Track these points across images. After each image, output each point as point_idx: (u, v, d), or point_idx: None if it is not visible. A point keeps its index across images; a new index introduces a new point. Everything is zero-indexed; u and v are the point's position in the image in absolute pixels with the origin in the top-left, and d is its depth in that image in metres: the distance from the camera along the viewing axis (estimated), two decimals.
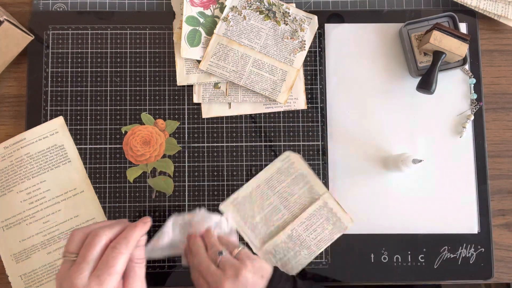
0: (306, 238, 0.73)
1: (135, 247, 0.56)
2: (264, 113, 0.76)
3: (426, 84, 0.70)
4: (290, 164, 0.74)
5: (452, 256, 0.73)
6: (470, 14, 0.78)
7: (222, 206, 0.74)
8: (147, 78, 0.76)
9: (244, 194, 0.74)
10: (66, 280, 0.51)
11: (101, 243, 0.54)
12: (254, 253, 0.68)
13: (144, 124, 0.75)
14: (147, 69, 0.76)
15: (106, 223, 0.58)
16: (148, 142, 0.73)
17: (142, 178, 0.74)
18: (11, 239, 0.72)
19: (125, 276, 0.55)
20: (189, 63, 0.76)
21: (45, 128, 0.74)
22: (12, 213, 0.73)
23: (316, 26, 0.77)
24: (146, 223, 0.58)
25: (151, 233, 0.73)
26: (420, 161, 0.67)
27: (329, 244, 0.73)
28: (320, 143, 0.75)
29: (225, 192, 0.74)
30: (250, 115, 0.76)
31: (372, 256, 0.73)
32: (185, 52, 0.75)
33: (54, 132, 0.74)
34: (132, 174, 0.74)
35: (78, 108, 0.75)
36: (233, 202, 0.74)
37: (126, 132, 0.75)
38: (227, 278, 0.58)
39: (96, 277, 0.51)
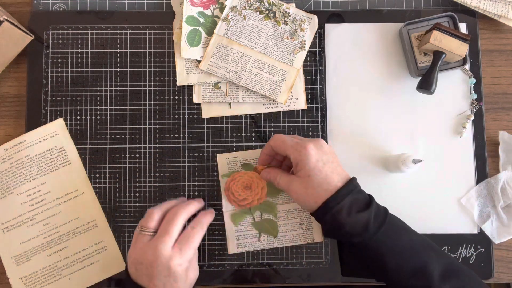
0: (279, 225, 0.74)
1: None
2: (264, 113, 0.76)
3: (426, 84, 0.70)
4: None
5: (452, 256, 0.73)
6: (470, 14, 0.78)
7: (219, 155, 0.75)
8: (147, 78, 0.76)
9: (245, 158, 0.75)
10: (150, 249, 0.62)
11: (181, 221, 0.64)
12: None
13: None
14: (147, 69, 0.76)
15: (177, 202, 0.69)
16: (250, 186, 0.72)
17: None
18: (11, 241, 0.72)
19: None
20: (189, 63, 0.76)
21: (45, 130, 0.74)
22: (12, 215, 0.73)
23: (316, 26, 0.77)
24: (213, 212, 0.71)
25: None
26: (420, 161, 0.67)
27: (288, 245, 0.74)
28: None
29: None
30: (250, 115, 0.76)
31: None
32: (185, 52, 0.75)
33: (54, 134, 0.74)
34: (236, 219, 0.74)
35: (78, 108, 0.75)
36: (230, 159, 0.75)
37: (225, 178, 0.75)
38: (308, 140, 0.65)
39: (178, 249, 0.62)
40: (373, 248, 0.62)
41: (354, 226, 0.61)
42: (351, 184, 0.63)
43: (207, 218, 0.68)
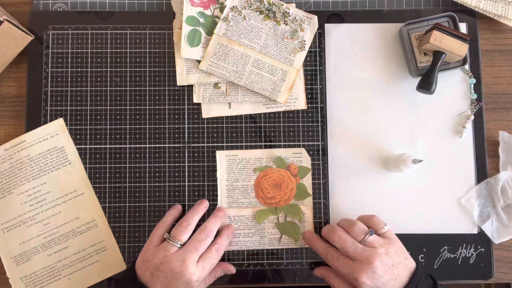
0: (266, 229, 0.74)
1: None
2: (264, 113, 0.76)
3: (426, 84, 0.70)
4: (298, 161, 0.75)
5: (452, 256, 0.73)
6: (470, 14, 0.78)
7: (218, 152, 0.75)
8: (147, 78, 0.76)
9: (244, 157, 0.75)
10: (178, 261, 0.63)
11: (210, 240, 0.67)
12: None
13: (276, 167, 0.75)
14: (147, 69, 0.76)
15: (198, 208, 0.71)
16: (279, 185, 0.72)
17: None
18: (11, 241, 0.72)
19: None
20: (189, 63, 0.76)
21: (45, 130, 0.74)
22: (12, 216, 0.73)
23: (316, 26, 0.77)
24: (231, 232, 0.72)
25: None
26: (420, 161, 0.67)
27: (289, 246, 0.74)
28: (320, 143, 0.75)
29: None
30: (250, 115, 0.76)
31: None
32: (185, 52, 0.75)
33: (54, 134, 0.74)
34: (261, 216, 0.73)
35: (78, 108, 0.75)
36: (229, 156, 0.75)
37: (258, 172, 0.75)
38: (378, 254, 0.62)
39: (202, 267, 0.64)
40: None
41: None
42: (416, 279, 0.62)
43: (227, 242, 0.70)
